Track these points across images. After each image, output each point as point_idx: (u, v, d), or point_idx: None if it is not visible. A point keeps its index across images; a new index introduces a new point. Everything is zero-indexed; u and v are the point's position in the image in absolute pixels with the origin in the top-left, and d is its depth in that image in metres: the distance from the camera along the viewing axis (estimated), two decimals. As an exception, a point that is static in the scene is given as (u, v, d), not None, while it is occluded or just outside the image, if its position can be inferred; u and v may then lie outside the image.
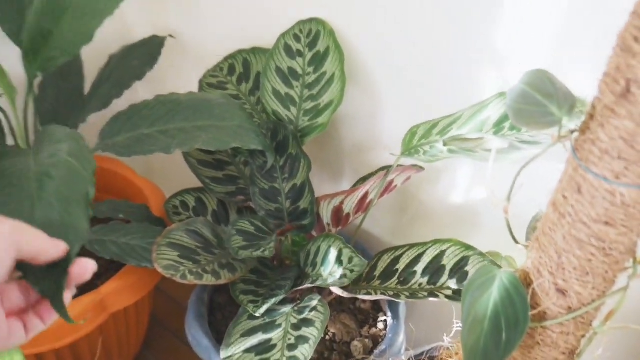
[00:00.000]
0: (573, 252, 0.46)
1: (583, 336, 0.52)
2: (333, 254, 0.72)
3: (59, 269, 0.44)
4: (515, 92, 0.44)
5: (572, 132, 0.45)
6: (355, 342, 0.80)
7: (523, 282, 0.52)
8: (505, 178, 0.52)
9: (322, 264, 0.73)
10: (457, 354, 0.72)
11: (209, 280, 0.69)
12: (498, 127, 0.67)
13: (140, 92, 1.15)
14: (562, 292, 0.48)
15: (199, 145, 0.75)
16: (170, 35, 1.04)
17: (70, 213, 0.51)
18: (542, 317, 0.51)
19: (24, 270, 0.44)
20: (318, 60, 0.83)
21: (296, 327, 0.69)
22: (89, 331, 0.76)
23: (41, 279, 0.44)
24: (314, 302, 0.71)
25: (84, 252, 0.94)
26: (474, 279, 0.52)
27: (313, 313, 0.69)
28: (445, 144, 0.58)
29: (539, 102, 0.42)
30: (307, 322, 0.68)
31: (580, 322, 0.50)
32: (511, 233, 0.54)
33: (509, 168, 0.52)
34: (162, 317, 1.11)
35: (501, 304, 0.49)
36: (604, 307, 0.50)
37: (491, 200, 0.50)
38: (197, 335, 0.77)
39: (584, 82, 0.47)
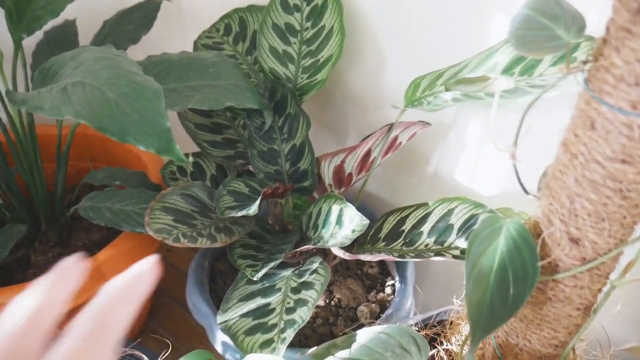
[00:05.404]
0: (587, 196, 0.42)
1: (599, 290, 0.47)
2: (334, 214, 0.69)
3: None
4: (519, 18, 0.40)
5: (585, 62, 0.41)
6: (362, 307, 0.77)
7: (532, 233, 0.47)
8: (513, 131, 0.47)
9: (324, 225, 0.70)
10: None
11: (203, 243, 0.66)
12: (508, 72, 0.62)
13: (140, 56, 1.12)
14: (575, 241, 0.44)
15: (192, 105, 0.71)
16: (167, -2, 1.00)
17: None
18: (553, 269, 0.46)
19: None
20: (316, 13, 0.79)
21: (296, 290, 0.66)
22: (86, 299, 0.74)
23: None
24: (315, 265, 0.68)
25: (79, 219, 0.93)
26: (479, 231, 0.48)
27: (313, 276, 0.66)
28: (447, 89, 0.53)
29: (544, 25, 0.38)
30: (306, 285, 0.65)
31: (596, 274, 0.46)
32: (519, 181, 0.49)
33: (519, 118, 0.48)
34: (167, 288, 1.09)
35: (508, 256, 0.45)
36: (622, 257, 0.46)
37: (497, 145, 0.46)
38: (196, 302, 0.75)
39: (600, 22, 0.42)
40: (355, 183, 0.79)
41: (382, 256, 0.64)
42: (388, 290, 0.81)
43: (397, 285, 0.80)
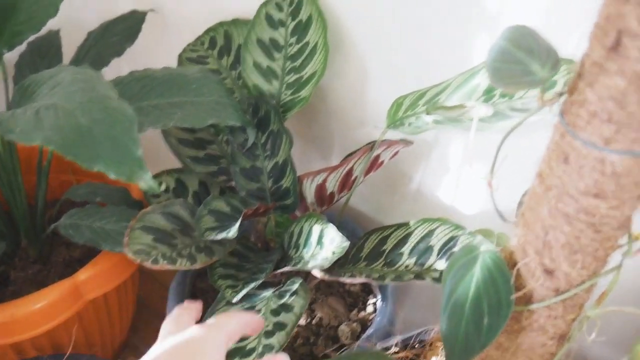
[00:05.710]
0: (560, 229, 0.42)
1: (573, 320, 0.47)
2: (315, 234, 0.68)
3: None
4: (495, 50, 0.40)
5: (561, 94, 0.41)
6: (343, 327, 0.77)
7: (508, 263, 0.47)
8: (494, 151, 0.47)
9: (305, 245, 0.70)
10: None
11: (183, 264, 0.65)
12: (488, 94, 0.62)
13: (124, 68, 1.11)
14: (549, 272, 0.44)
15: (174, 123, 0.71)
16: (152, 10, 0.99)
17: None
18: (528, 299, 0.46)
19: None
20: (301, 29, 0.79)
21: (275, 312, 0.65)
22: (65, 319, 0.73)
23: None
24: (296, 286, 0.68)
25: (60, 234, 0.91)
26: (456, 259, 0.48)
27: (293, 298, 0.66)
28: (428, 113, 0.53)
29: (519, 59, 0.37)
30: (286, 308, 0.65)
31: (570, 304, 0.45)
32: (496, 208, 0.49)
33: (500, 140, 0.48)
34: (149, 302, 1.08)
35: (483, 286, 0.45)
36: (596, 288, 0.46)
37: (474, 173, 0.46)
38: (177, 321, 0.74)
39: (578, 45, 0.42)
40: (338, 201, 0.78)
41: (362, 279, 0.64)
42: (370, 308, 0.81)
43: (379, 303, 0.80)
